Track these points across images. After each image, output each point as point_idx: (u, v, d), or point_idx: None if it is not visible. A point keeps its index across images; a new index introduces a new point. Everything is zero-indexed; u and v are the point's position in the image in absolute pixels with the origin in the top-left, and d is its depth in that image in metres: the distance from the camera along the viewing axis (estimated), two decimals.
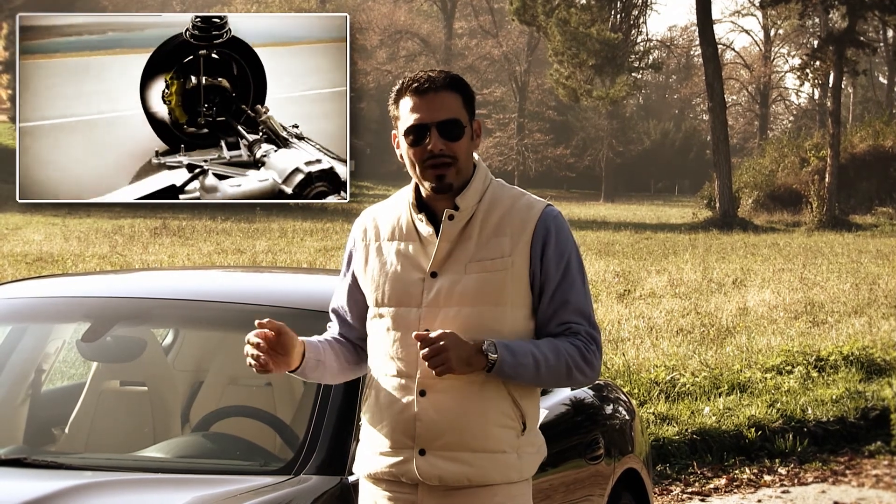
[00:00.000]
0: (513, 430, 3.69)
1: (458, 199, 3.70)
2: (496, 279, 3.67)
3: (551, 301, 3.71)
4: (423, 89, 3.68)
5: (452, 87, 3.71)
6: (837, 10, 51.65)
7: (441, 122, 3.66)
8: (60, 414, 5.18)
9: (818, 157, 52.53)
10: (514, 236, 3.70)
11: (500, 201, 3.74)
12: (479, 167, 3.76)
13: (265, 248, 27.88)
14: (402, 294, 3.70)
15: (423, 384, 3.65)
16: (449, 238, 3.69)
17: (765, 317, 16.86)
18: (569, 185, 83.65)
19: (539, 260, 3.70)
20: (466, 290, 3.65)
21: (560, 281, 3.71)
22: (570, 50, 51.10)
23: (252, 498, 4.01)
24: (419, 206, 3.74)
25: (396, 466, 3.69)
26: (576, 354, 3.69)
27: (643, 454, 6.14)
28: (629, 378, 11.40)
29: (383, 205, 3.86)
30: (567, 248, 3.73)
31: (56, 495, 3.95)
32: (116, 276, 7.05)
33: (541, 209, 3.74)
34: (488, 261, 3.67)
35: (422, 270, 3.70)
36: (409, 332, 3.65)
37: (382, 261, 3.75)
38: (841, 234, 41.24)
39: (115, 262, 23.79)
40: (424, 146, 3.66)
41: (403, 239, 3.75)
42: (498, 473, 3.66)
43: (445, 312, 3.65)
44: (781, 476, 9.59)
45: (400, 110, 3.72)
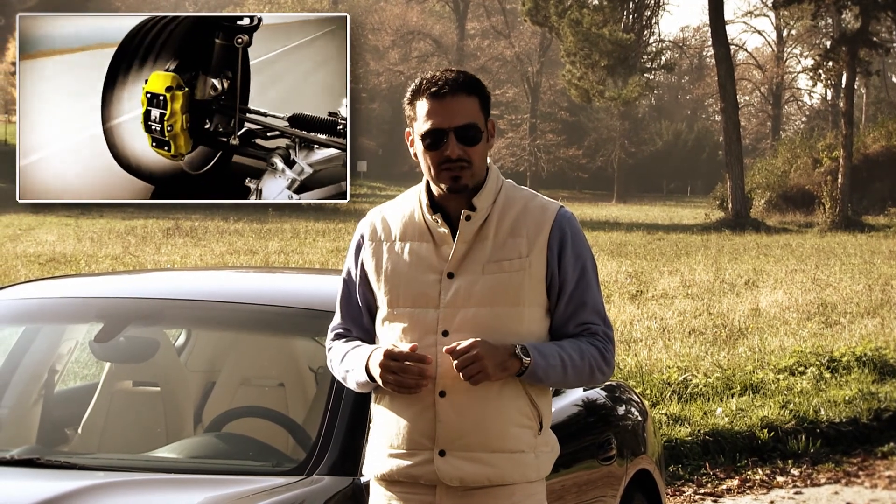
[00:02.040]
0: (530, 429, 3.70)
1: (474, 200, 3.70)
2: (514, 280, 3.68)
3: (569, 302, 3.73)
4: (440, 93, 3.67)
5: (469, 89, 3.70)
6: (850, 10, 51.54)
7: (458, 128, 3.66)
8: (73, 414, 5.19)
9: (831, 157, 52.44)
10: (531, 237, 3.71)
11: (514, 202, 3.75)
12: (491, 168, 3.77)
13: (277, 248, 27.90)
14: (419, 295, 3.69)
15: (442, 385, 3.64)
16: (466, 239, 3.69)
17: (777, 318, 16.84)
18: (581, 185, 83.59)
19: (557, 262, 3.71)
20: (484, 290, 3.66)
21: (577, 282, 3.73)
22: (583, 50, 51.06)
23: (264, 498, 4.01)
24: (433, 207, 3.74)
25: (414, 468, 3.68)
26: (597, 355, 3.72)
27: (655, 455, 6.13)
28: (641, 379, 11.39)
29: (391, 204, 3.85)
30: (583, 249, 3.76)
31: (69, 495, 3.95)
32: (129, 276, 7.06)
33: (555, 211, 3.75)
34: (506, 261, 3.68)
35: (437, 271, 3.69)
36: (427, 334, 3.65)
37: (395, 261, 3.74)
38: (854, 234, 41.14)
39: (127, 262, 23.83)
40: (441, 151, 3.65)
41: (416, 239, 3.73)
42: (517, 473, 3.68)
43: (464, 313, 3.65)
44: (794, 477, 9.57)
45: (416, 111, 3.71)
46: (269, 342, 5.38)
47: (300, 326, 5.02)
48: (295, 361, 5.24)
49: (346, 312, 3.87)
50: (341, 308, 3.88)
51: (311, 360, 5.18)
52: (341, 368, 3.81)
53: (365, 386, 3.74)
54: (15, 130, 6.54)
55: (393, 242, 3.76)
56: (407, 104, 3.74)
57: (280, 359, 5.27)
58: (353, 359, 3.75)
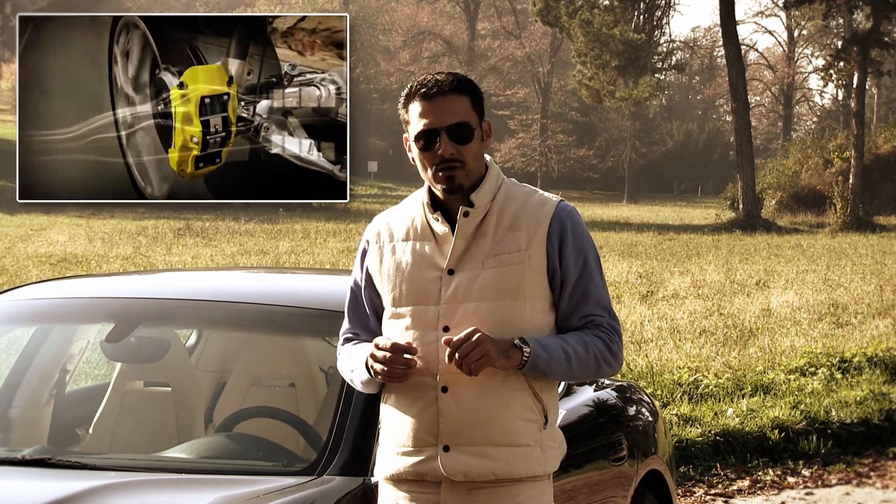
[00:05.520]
0: (535, 423, 3.71)
1: (472, 196, 3.73)
2: (514, 273, 3.69)
3: (572, 295, 3.74)
4: (431, 94, 3.71)
5: (460, 89, 3.73)
6: (862, 10, 51.43)
7: (450, 126, 3.69)
8: (84, 414, 5.20)
9: (842, 158, 52.35)
10: (530, 231, 3.73)
11: (514, 198, 3.77)
12: (491, 167, 3.80)
13: (288, 248, 27.92)
14: (420, 292, 3.72)
15: (445, 380, 3.66)
16: (465, 235, 3.72)
17: (788, 318, 16.81)
18: (592, 186, 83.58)
19: (557, 255, 3.73)
20: (485, 285, 3.68)
21: (580, 275, 3.74)
22: (594, 51, 51.03)
23: (275, 498, 4.01)
24: (434, 206, 3.77)
25: (420, 465, 3.70)
26: (602, 346, 3.73)
27: (666, 455, 6.13)
28: (652, 379, 11.38)
29: (395, 209, 3.90)
30: (584, 241, 3.77)
31: (80, 495, 3.96)
32: (140, 276, 7.06)
33: (555, 204, 3.77)
34: (505, 255, 3.70)
35: (438, 269, 3.72)
36: (428, 330, 3.68)
37: (397, 260, 3.77)
38: (865, 235, 41.05)
39: (138, 262, 23.86)
40: (435, 151, 3.69)
41: (418, 238, 3.77)
42: (523, 467, 3.68)
43: (465, 308, 3.67)
44: (805, 478, 9.56)
45: (409, 114, 3.75)
46: (279, 342, 5.39)
47: (311, 327, 5.02)
48: (306, 362, 5.24)
49: (355, 318, 3.92)
50: (349, 314, 3.93)
51: (322, 361, 5.19)
52: (348, 370, 3.86)
53: (369, 384, 3.77)
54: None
55: (396, 243, 3.80)
56: (401, 109, 3.79)
57: (291, 359, 5.27)
58: (356, 358, 3.80)
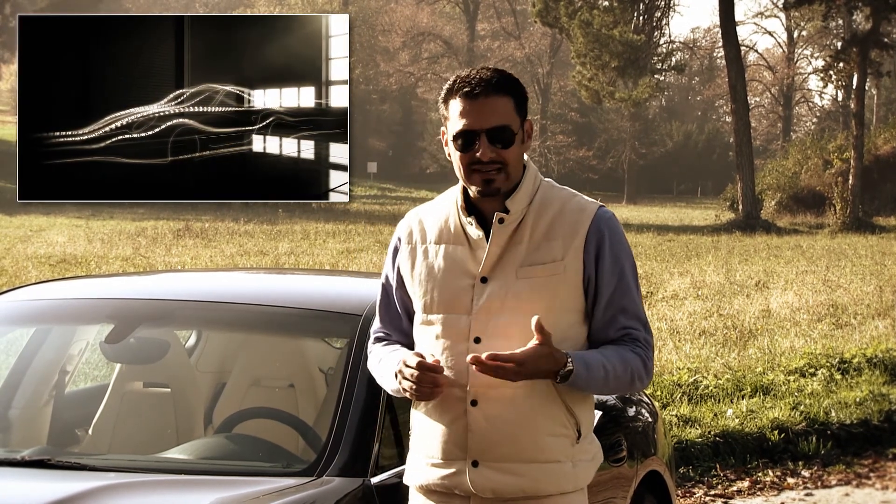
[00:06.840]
0: (567, 438, 3.61)
1: (508, 202, 3.60)
2: (548, 284, 3.57)
3: (608, 306, 3.62)
4: (473, 94, 3.57)
5: (504, 89, 3.60)
6: (861, 11, 51.43)
7: (491, 129, 3.56)
8: (84, 415, 5.20)
9: (842, 158, 52.34)
10: (566, 239, 3.60)
11: (551, 203, 3.64)
12: (528, 168, 3.67)
13: (288, 249, 27.91)
14: (452, 300, 3.60)
15: (475, 394, 3.56)
16: (499, 242, 3.60)
17: (788, 319, 16.81)
18: (591, 186, 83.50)
19: (594, 264, 3.60)
20: (518, 295, 3.56)
21: (616, 286, 3.62)
22: (593, 52, 51.02)
23: (275, 499, 4.01)
24: (468, 209, 3.66)
25: (449, 478, 3.62)
26: (639, 364, 3.62)
27: (666, 456, 6.13)
28: (652, 380, 11.37)
29: (429, 206, 3.77)
30: (622, 251, 3.64)
31: (79, 496, 3.96)
32: (140, 277, 7.06)
33: (593, 211, 3.64)
34: (539, 265, 3.58)
35: (471, 276, 3.61)
36: (459, 341, 3.57)
37: (430, 264, 3.66)
38: (864, 236, 41.03)
39: (138, 263, 23.86)
40: (473, 152, 3.57)
41: (451, 242, 3.65)
42: (552, 484, 3.58)
43: (496, 320, 3.56)
44: (805, 478, 9.56)
45: (450, 111, 3.62)
46: (279, 343, 5.39)
47: (310, 327, 5.02)
48: (305, 362, 5.24)
49: (386, 317, 3.82)
50: (380, 313, 3.83)
51: (322, 362, 5.19)
52: (378, 374, 3.77)
53: (399, 392, 3.66)
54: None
55: (428, 245, 3.68)
56: (441, 103, 3.65)
57: (290, 360, 5.27)
58: (386, 364, 3.71)
